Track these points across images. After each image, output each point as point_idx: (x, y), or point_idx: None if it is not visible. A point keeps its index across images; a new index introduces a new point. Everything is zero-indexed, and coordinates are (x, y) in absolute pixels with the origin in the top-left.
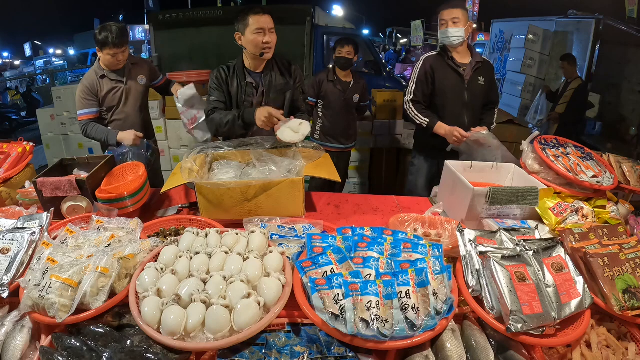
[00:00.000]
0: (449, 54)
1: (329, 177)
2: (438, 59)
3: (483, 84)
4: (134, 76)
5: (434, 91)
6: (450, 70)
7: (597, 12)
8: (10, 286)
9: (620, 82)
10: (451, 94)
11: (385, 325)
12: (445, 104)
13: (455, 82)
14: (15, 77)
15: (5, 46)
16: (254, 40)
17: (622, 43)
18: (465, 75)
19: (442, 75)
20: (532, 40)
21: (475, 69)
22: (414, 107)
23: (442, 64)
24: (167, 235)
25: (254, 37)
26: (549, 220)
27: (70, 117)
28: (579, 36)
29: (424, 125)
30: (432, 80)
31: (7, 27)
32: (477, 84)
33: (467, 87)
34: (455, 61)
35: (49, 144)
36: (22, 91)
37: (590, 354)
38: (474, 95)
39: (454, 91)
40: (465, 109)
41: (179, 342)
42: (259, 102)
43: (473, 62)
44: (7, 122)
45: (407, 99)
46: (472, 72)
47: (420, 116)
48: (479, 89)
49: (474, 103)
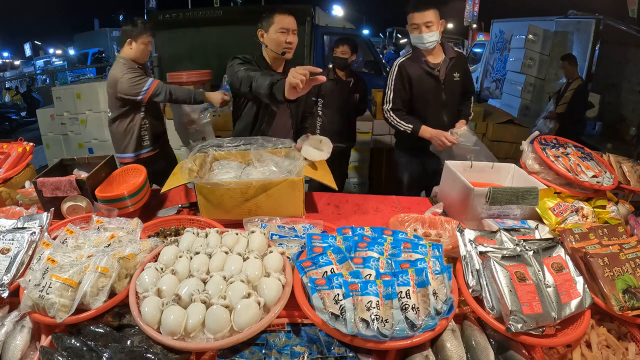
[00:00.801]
0: (421, 58)
1: (325, 182)
2: (411, 64)
3: (458, 79)
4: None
5: (412, 96)
6: (425, 74)
7: (597, 12)
8: (10, 286)
9: (620, 82)
10: (429, 95)
11: (385, 325)
12: (424, 107)
13: (431, 84)
14: (15, 77)
15: (5, 46)
16: (277, 39)
17: (622, 43)
18: (440, 75)
19: (418, 80)
20: (532, 40)
21: (449, 66)
22: (395, 114)
23: (416, 68)
24: (167, 235)
25: (277, 36)
26: (549, 220)
27: (70, 117)
28: (579, 36)
29: (408, 132)
30: (410, 86)
31: (7, 27)
32: (452, 81)
33: (443, 87)
34: (428, 63)
35: (49, 144)
36: (22, 91)
37: (590, 354)
38: (451, 93)
39: (431, 93)
40: (444, 108)
41: (179, 342)
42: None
43: (447, 60)
44: (7, 122)
45: (387, 108)
46: (447, 70)
47: (402, 123)
48: (455, 85)
49: (451, 100)
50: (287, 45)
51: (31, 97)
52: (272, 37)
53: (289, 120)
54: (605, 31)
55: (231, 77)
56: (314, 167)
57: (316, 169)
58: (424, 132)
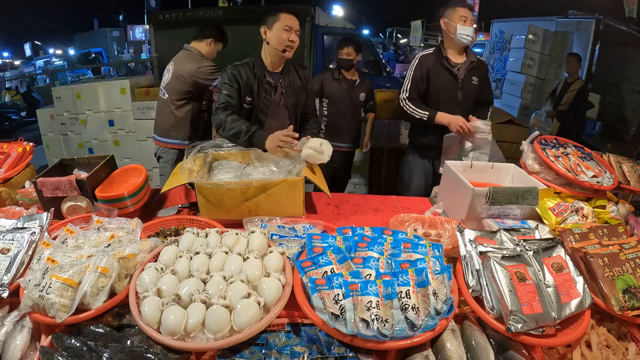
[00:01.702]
0: (443, 54)
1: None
2: (433, 58)
3: (476, 84)
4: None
5: (427, 89)
6: (444, 70)
7: (597, 12)
8: (10, 286)
9: (620, 82)
10: (444, 93)
11: (385, 325)
12: (438, 103)
13: (448, 81)
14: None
15: (5, 46)
16: (279, 36)
17: (622, 43)
18: (458, 74)
19: (436, 75)
20: (532, 40)
21: (469, 68)
22: (411, 102)
23: (436, 63)
24: (167, 235)
25: (281, 33)
26: (549, 220)
27: (70, 117)
28: (579, 36)
29: (424, 119)
30: (427, 79)
31: (7, 27)
32: (470, 83)
33: (460, 87)
34: (450, 61)
35: (49, 144)
36: (22, 91)
37: (590, 354)
38: (467, 94)
39: (447, 90)
40: (458, 108)
41: (179, 342)
42: (277, 102)
43: (467, 62)
44: (7, 122)
45: (403, 97)
46: (466, 71)
47: (418, 110)
48: (472, 88)
49: (467, 102)
50: (289, 43)
51: (31, 97)
52: (275, 34)
53: (287, 120)
54: (605, 31)
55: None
56: (313, 171)
57: (314, 172)
58: (440, 117)
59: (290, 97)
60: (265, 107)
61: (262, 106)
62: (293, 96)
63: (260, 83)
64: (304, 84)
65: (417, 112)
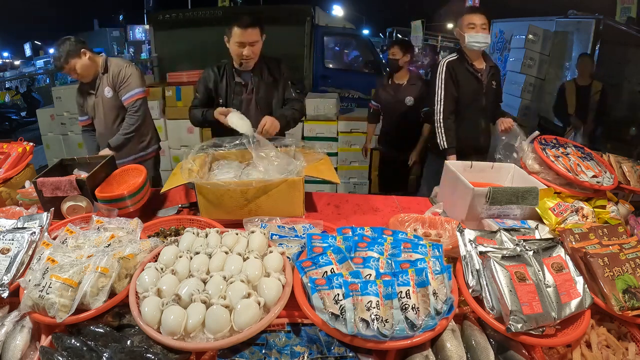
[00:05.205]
0: (468, 60)
1: (328, 178)
2: (459, 64)
3: (495, 88)
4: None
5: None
6: (471, 76)
7: (597, 12)
8: (10, 286)
9: (621, 82)
10: (470, 99)
11: (385, 325)
12: (464, 110)
13: (475, 87)
14: (15, 77)
15: (5, 46)
16: (234, 51)
17: (622, 43)
18: (483, 80)
19: (464, 81)
20: (532, 40)
21: (489, 74)
22: (444, 124)
23: (462, 70)
24: (167, 235)
25: (235, 48)
26: (549, 220)
27: (70, 117)
28: (579, 36)
29: (440, 148)
30: (457, 86)
31: (7, 27)
32: (491, 88)
33: (484, 93)
34: (474, 67)
35: (49, 144)
36: (22, 91)
37: (590, 354)
38: (489, 99)
39: (473, 97)
40: (483, 112)
41: (179, 342)
42: (249, 100)
43: (488, 68)
44: (7, 122)
45: (439, 118)
46: (488, 77)
47: (444, 138)
48: (492, 92)
49: (489, 106)
50: (244, 57)
51: (31, 97)
52: (231, 47)
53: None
54: (605, 31)
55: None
56: (317, 166)
57: (316, 166)
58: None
59: (261, 94)
60: (235, 106)
61: (233, 105)
62: (264, 93)
63: (229, 84)
64: (277, 77)
65: (441, 138)
